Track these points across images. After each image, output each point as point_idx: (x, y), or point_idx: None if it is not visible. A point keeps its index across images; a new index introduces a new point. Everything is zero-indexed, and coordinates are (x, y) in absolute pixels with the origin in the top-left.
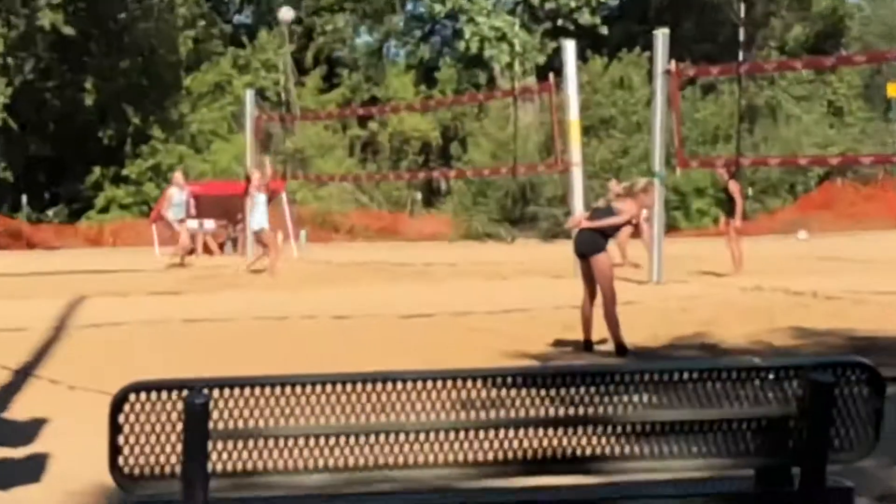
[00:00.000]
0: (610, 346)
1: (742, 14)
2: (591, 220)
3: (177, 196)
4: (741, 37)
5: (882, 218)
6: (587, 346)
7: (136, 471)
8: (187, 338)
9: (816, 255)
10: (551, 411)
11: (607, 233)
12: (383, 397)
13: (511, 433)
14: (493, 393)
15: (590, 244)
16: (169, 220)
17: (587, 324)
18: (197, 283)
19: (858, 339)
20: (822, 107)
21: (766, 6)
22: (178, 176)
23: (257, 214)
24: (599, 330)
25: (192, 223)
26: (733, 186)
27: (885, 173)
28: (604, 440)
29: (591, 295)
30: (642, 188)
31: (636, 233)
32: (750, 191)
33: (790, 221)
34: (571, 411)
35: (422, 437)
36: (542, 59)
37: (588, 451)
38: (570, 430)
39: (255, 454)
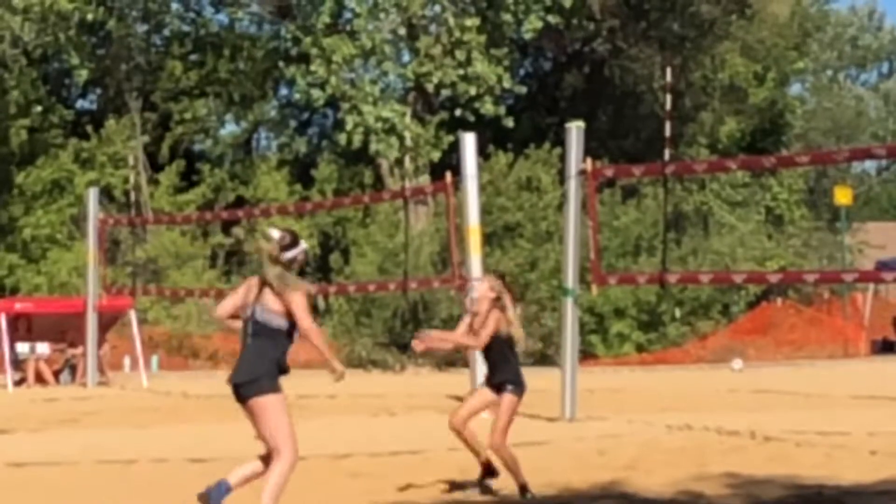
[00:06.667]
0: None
1: (668, 106)
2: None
3: None
4: (667, 132)
5: (827, 345)
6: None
7: None
8: (11, 488)
9: (753, 387)
10: None
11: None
12: None
13: None
14: None
15: None
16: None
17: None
18: (27, 418)
19: (803, 489)
20: (760, 214)
21: (695, 97)
22: None
23: None
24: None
25: (23, 347)
26: None
27: (832, 293)
28: None
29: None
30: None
31: None
32: (677, 312)
33: (723, 348)
34: None
35: None
36: (436, 155)
37: None
38: None
39: None
